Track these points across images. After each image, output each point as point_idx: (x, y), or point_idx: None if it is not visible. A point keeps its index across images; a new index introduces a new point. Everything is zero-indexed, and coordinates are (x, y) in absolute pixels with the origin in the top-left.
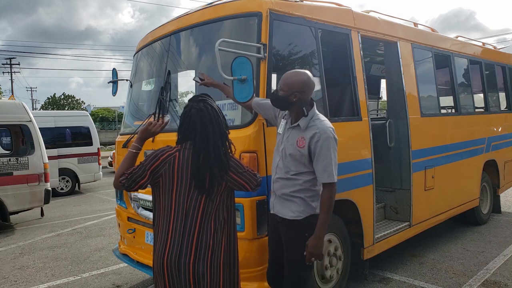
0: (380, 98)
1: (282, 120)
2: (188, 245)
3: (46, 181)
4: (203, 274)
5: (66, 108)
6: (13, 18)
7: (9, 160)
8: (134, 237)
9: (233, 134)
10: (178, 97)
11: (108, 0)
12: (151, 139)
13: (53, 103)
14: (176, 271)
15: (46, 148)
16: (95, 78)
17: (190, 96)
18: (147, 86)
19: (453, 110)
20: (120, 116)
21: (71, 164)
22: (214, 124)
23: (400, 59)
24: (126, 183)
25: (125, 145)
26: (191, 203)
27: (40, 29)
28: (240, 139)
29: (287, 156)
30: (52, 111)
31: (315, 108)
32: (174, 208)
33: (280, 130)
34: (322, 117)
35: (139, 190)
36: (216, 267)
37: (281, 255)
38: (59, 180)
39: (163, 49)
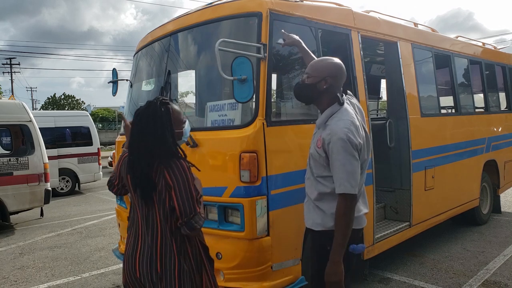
0: (380, 98)
1: None
2: (152, 253)
3: (46, 181)
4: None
5: (66, 108)
6: (16, 19)
7: (9, 160)
8: None
9: (233, 134)
10: (178, 97)
11: (110, 2)
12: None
13: (53, 103)
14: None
15: (46, 148)
16: (96, 78)
17: (190, 96)
18: (147, 86)
19: (453, 110)
20: (120, 116)
21: (71, 164)
22: (149, 125)
23: (400, 59)
24: (108, 184)
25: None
26: (139, 206)
27: (43, 30)
28: (240, 139)
29: (310, 156)
30: (52, 111)
31: (340, 104)
32: (138, 211)
33: None
34: (344, 115)
35: None
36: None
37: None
38: (59, 180)
39: (163, 49)
